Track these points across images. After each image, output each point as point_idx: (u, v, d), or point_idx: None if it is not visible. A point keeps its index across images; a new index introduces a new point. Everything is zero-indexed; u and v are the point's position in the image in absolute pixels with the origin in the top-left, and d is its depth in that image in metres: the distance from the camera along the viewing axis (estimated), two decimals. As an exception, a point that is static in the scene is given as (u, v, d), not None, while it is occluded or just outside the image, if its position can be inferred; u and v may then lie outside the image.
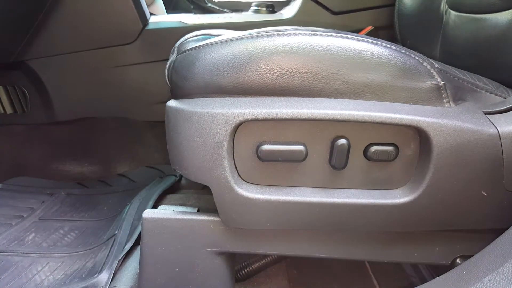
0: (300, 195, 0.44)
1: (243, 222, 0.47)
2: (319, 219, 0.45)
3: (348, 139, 0.42)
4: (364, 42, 0.41)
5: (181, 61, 0.46)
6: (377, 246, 0.51)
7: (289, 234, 0.51)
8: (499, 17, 0.54)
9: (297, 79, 0.41)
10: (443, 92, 0.42)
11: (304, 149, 0.42)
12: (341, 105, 0.40)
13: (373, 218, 0.45)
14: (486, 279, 0.33)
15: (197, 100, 0.43)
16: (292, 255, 0.53)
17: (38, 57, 0.91)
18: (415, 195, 0.42)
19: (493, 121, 0.41)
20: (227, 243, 0.52)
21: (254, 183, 0.45)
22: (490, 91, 0.46)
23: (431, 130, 0.39)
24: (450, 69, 0.45)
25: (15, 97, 0.95)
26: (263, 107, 0.40)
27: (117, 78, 0.94)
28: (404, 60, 0.41)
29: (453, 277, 0.37)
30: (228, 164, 0.42)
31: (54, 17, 0.85)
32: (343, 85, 0.41)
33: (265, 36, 0.42)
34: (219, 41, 0.44)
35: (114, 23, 0.88)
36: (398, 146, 0.43)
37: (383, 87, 0.41)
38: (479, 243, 0.45)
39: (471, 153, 0.40)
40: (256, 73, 0.41)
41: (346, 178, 0.45)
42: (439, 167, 0.41)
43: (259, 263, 0.82)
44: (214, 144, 0.41)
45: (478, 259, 0.37)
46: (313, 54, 0.40)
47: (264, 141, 0.43)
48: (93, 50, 0.90)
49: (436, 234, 0.50)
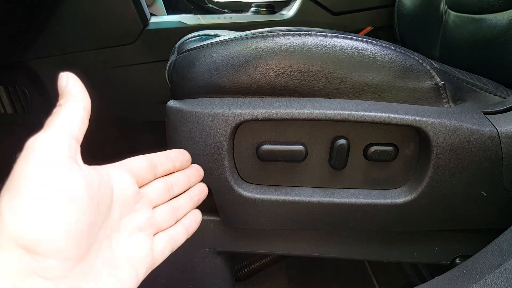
0: (300, 195, 0.44)
1: (243, 222, 0.47)
2: (319, 219, 0.45)
3: (347, 139, 0.42)
4: (364, 42, 0.41)
5: (182, 62, 0.46)
6: (377, 246, 0.51)
7: (289, 234, 0.51)
8: (499, 18, 0.54)
9: (297, 79, 0.41)
10: (442, 92, 0.42)
11: (304, 149, 0.42)
12: (340, 105, 0.41)
13: (372, 218, 0.45)
14: (486, 278, 0.34)
15: (197, 100, 0.43)
16: (292, 255, 0.53)
17: (38, 57, 0.91)
18: (415, 195, 0.43)
19: (492, 121, 0.41)
20: (227, 243, 0.52)
21: (254, 183, 0.45)
22: (490, 91, 0.46)
23: (431, 130, 0.39)
24: (450, 69, 0.46)
25: (16, 97, 0.95)
26: (263, 107, 0.40)
27: (117, 78, 0.94)
28: (404, 60, 0.41)
29: (453, 277, 0.37)
30: (228, 164, 0.42)
31: (54, 17, 0.85)
32: (342, 85, 0.41)
33: (265, 37, 0.42)
34: (219, 41, 0.44)
35: (114, 23, 0.88)
36: (398, 146, 0.43)
37: (383, 87, 0.41)
38: (478, 243, 0.45)
39: (471, 153, 0.40)
40: (256, 73, 0.41)
41: (345, 178, 0.45)
42: (438, 167, 0.41)
43: (259, 263, 0.82)
44: (214, 144, 0.42)
45: (478, 259, 0.37)
46: (313, 54, 0.41)
47: (264, 141, 0.43)
48: (93, 50, 0.90)
49: (436, 234, 0.50)
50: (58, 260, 0.22)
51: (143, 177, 0.32)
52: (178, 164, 0.36)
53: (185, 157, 0.37)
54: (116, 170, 0.29)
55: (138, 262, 0.29)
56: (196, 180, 0.38)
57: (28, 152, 0.23)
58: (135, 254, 0.29)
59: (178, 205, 0.35)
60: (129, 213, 0.30)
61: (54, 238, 0.22)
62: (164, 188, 0.33)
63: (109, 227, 0.28)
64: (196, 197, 0.37)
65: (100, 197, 0.26)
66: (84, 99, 0.27)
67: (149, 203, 0.32)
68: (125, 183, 0.29)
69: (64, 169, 0.23)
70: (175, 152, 0.36)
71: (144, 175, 0.32)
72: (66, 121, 0.25)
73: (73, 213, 0.23)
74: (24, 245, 0.21)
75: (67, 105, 0.26)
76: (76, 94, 0.27)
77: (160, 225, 0.32)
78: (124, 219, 0.29)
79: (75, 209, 0.23)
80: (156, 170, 0.33)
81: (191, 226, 0.36)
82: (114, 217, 0.28)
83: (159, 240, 0.32)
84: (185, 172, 0.37)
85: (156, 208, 0.33)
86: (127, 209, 0.29)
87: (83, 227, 0.24)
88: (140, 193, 0.31)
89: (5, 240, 0.21)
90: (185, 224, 0.35)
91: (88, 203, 0.24)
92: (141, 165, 0.32)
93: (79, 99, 0.27)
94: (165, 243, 0.32)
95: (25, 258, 0.21)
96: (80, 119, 0.26)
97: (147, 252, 0.30)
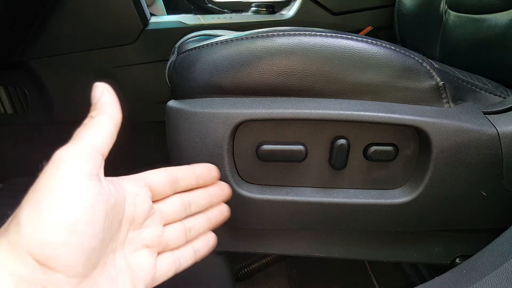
0: (300, 195, 0.44)
1: (243, 222, 0.47)
2: (319, 219, 0.45)
3: (347, 139, 0.42)
4: (364, 42, 0.41)
5: (182, 62, 0.46)
6: (377, 246, 0.51)
7: (289, 234, 0.51)
8: (499, 17, 0.54)
9: (297, 79, 0.41)
10: (442, 92, 0.42)
11: (304, 149, 0.42)
12: (340, 105, 0.41)
13: (372, 218, 0.45)
14: (486, 278, 0.34)
15: (197, 100, 0.43)
16: (292, 254, 0.53)
17: (39, 57, 0.91)
18: (415, 195, 0.43)
19: (492, 121, 0.41)
20: (227, 243, 0.52)
21: (254, 183, 0.45)
22: (490, 91, 0.46)
23: (431, 130, 0.39)
24: (450, 69, 0.45)
25: (16, 97, 0.95)
26: (263, 107, 0.40)
27: (118, 78, 0.94)
28: (404, 60, 0.41)
29: (453, 277, 0.37)
30: (228, 164, 0.42)
31: (54, 17, 0.85)
32: (342, 85, 0.41)
33: (265, 37, 0.42)
34: (219, 41, 0.44)
35: (114, 23, 0.88)
36: (398, 146, 0.43)
37: (383, 87, 0.41)
38: (478, 243, 0.45)
39: (471, 153, 0.40)
40: (256, 73, 0.41)
41: (345, 178, 0.45)
42: (438, 167, 0.41)
43: (259, 262, 0.82)
44: (214, 144, 0.42)
45: (478, 259, 0.37)
46: (313, 55, 0.41)
47: (264, 141, 0.43)
48: (94, 50, 0.90)
49: (436, 234, 0.50)
50: (67, 275, 0.23)
51: (161, 192, 0.31)
52: (202, 181, 0.34)
53: (212, 173, 0.35)
54: (133, 184, 0.29)
55: (139, 280, 0.29)
56: (219, 200, 0.36)
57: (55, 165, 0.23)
58: (136, 271, 0.28)
59: (192, 225, 0.33)
60: (137, 228, 0.29)
61: (68, 255, 0.22)
62: (180, 205, 0.32)
63: (116, 242, 0.27)
64: (215, 218, 0.35)
65: (114, 214, 0.26)
66: (116, 115, 0.27)
67: (161, 220, 0.31)
68: (140, 198, 0.29)
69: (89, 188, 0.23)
70: (201, 167, 0.34)
71: (162, 190, 0.31)
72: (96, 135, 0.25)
73: (89, 232, 0.23)
74: (38, 259, 0.22)
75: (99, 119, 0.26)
76: (109, 108, 0.27)
77: (167, 244, 0.31)
78: (131, 233, 0.29)
79: (92, 228, 0.23)
80: (177, 185, 0.32)
81: (202, 250, 0.34)
82: (122, 232, 0.28)
83: (164, 260, 0.31)
84: (208, 190, 0.35)
85: (167, 225, 0.31)
86: (136, 224, 0.29)
87: (96, 245, 0.24)
88: (153, 208, 0.30)
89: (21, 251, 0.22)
90: (195, 246, 0.33)
91: (104, 222, 0.24)
92: (160, 180, 0.31)
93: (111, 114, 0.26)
94: (169, 263, 0.31)
95: (36, 270, 0.22)
96: (110, 135, 0.26)
97: (149, 270, 0.29)
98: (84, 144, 0.24)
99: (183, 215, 0.32)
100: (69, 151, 0.24)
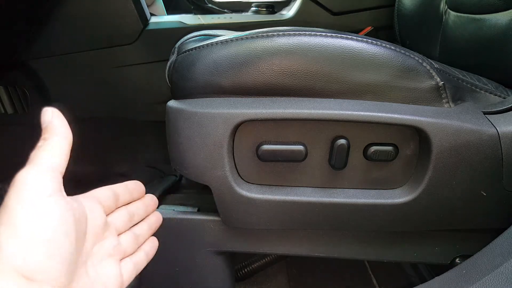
0: (300, 194, 0.44)
1: (243, 222, 0.47)
2: (319, 218, 0.45)
3: (347, 139, 0.42)
4: (364, 42, 0.41)
5: (182, 62, 0.46)
6: (377, 246, 0.51)
7: (289, 234, 0.51)
8: (499, 17, 0.54)
9: (297, 79, 0.41)
10: (442, 92, 0.42)
11: (304, 149, 0.42)
12: (340, 105, 0.41)
13: (372, 218, 0.45)
14: (486, 278, 0.34)
15: (198, 100, 0.43)
16: (292, 254, 0.53)
17: (38, 57, 0.91)
18: (415, 195, 0.43)
19: (492, 121, 0.41)
20: (227, 243, 0.52)
21: (254, 183, 0.45)
22: (490, 91, 0.46)
23: (431, 130, 0.39)
24: (450, 69, 0.45)
25: (16, 97, 0.95)
26: (263, 107, 0.40)
27: (118, 78, 0.94)
28: (404, 61, 0.41)
29: (453, 277, 0.37)
30: (228, 164, 0.42)
31: (54, 17, 0.85)
32: (342, 85, 0.41)
33: (265, 37, 0.42)
34: (219, 41, 0.44)
35: (114, 23, 0.88)
36: (398, 146, 0.43)
37: (383, 87, 0.41)
38: (478, 243, 0.45)
39: (471, 153, 0.40)
40: (256, 73, 0.41)
41: (345, 178, 0.45)
42: (438, 167, 0.41)
43: (259, 262, 0.82)
44: (214, 144, 0.42)
45: (478, 259, 0.37)
46: (313, 55, 0.41)
47: (264, 141, 0.43)
48: (94, 50, 0.90)
49: (436, 234, 0.50)
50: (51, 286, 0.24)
51: (109, 207, 0.34)
52: (136, 195, 0.38)
53: (141, 187, 0.39)
54: (88, 200, 0.31)
55: (111, 286, 0.31)
56: (152, 209, 0.40)
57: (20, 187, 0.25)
58: (107, 279, 0.31)
59: (139, 232, 0.37)
60: (99, 241, 0.32)
61: (52, 267, 0.24)
62: (127, 216, 0.36)
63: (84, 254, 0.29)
64: (154, 225, 0.40)
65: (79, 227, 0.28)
66: (67, 135, 0.29)
67: (115, 231, 0.34)
68: (96, 213, 0.31)
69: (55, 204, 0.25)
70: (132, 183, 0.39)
71: (110, 205, 0.34)
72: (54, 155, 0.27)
73: (66, 242, 0.25)
74: (23, 274, 0.23)
75: (54, 140, 0.28)
76: (60, 129, 0.29)
77: (125, 251, 0.35)
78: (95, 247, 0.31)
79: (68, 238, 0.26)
80: (118, 200, 0.36)
81: (151, 252, 0.38)
82: (88, 245, 0.30)
83: (125, 265, 0.34)
84: (143, 201, 0.39)
85: (120, 235, 0.35)
86: (98, 237, 0.32)
87: (73, 255, 0.26)
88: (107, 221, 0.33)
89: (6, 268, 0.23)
90: (145, 250, 0.38)
91: (75, 233, 0.27)
92: (107, 196, 0.34)
93: (63, 135, 0.28)
94: (130, 267, 0.35)
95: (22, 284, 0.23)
96: (64, 154, 0.28)
97: (116, 276, 0.32)
98: (44, 165, 0.26)
99: (130, 224, 0.37)
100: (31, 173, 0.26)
